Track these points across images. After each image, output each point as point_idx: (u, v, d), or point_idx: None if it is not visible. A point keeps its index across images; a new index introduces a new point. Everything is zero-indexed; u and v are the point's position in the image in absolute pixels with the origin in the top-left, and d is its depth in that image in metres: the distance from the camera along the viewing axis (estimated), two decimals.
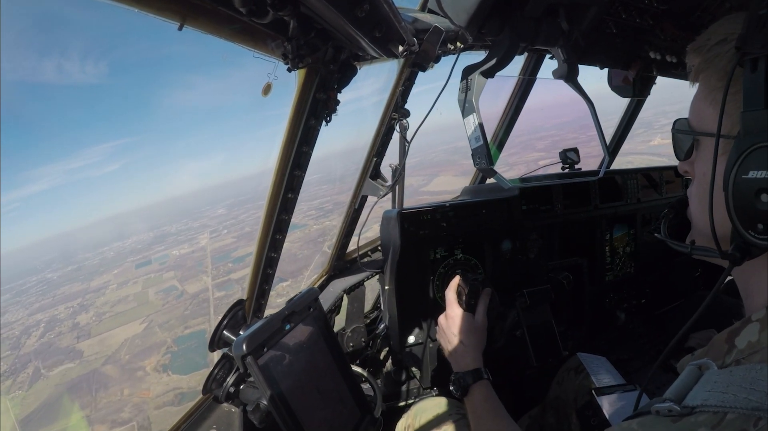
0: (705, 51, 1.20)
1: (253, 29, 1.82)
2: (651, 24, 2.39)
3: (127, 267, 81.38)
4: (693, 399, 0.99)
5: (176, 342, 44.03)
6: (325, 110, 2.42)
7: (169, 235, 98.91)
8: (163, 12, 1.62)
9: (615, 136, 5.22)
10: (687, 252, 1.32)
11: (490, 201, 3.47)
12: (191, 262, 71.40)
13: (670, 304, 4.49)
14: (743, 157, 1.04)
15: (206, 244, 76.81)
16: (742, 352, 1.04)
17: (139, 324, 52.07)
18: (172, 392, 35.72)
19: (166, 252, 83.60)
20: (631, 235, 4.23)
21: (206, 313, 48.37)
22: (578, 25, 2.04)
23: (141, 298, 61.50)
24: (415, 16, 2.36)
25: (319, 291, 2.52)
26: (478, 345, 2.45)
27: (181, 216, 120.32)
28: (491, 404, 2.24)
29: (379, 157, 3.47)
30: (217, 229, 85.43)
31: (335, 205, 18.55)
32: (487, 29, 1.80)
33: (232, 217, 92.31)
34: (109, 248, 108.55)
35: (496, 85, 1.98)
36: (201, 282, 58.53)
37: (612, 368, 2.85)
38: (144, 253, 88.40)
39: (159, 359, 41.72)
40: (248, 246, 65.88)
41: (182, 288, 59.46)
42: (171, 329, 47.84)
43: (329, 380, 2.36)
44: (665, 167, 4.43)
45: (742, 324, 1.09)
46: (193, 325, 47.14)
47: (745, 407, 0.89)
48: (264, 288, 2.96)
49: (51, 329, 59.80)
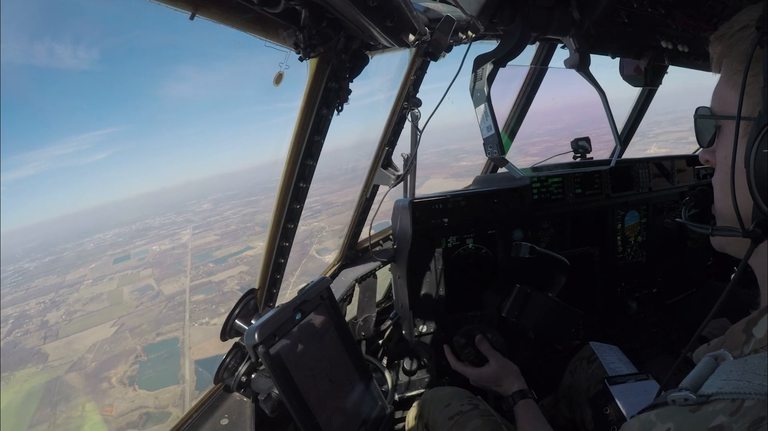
0: (727, 38, 1.19)
1: (265, 19, 1.83)
2: (663, 13, 2.38)
3: (105, 262, 79.36)
4: (709, 388, 0.99)
5: (146, 351, 42.42)
6: (337, 99, 2.42)
7: (151, 229, 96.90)
8: (175, 1, 1.62)
9: (627, 125, 5.20)
10: (707, 233, 1.29)
11: (502, 190, 3.47)
12: (171, 260, 69.63)
13: (681, 293, 4.47)
14: (765, 132, 1.03)
15: (188, 241, 75.08)
16: (760, 341, 1.04)
17: (109, 327, 50.23)
18: (137, 411, 34.47)
19: (146, 247, 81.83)
20: (642, 224, 4.21)
21: (181, 319, 46.59)
22: (590, 14, 2.03)
23: (115, 297, 59.65)
24: (426, 5, 2.36)
25: (330, 281, 2.53)
26: (510, 374, 2.62)
27: (166, 209, 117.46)
28: (532, 416, 2.39)
29: (390, 146, 3.47)
30: (200, 225, 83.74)
31: (324, 205, 18.43)
32: (498, 18, 1.79)
33: (217, 213, 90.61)
34: (90, 239, 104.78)
35: (508, 75, 1.97)
36: (178, 283, 57.14)
37: (624, 357, 2.85)
38: (124, 247, 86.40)
39: (126, 370, 39.90)
40: (231, 245, 63.52)
41: (158, 288, 58.00)
42: (142, 335, 46.12)
43: (341, 369, 2.37)
44: (677, 156, 4.41)
45: (759, 313, 1.09)
46: (165, 332, 45.35)
47: (760, 393, 0.89)
48: (276, 277, 2.97)
49: (19, 326, 59.09)
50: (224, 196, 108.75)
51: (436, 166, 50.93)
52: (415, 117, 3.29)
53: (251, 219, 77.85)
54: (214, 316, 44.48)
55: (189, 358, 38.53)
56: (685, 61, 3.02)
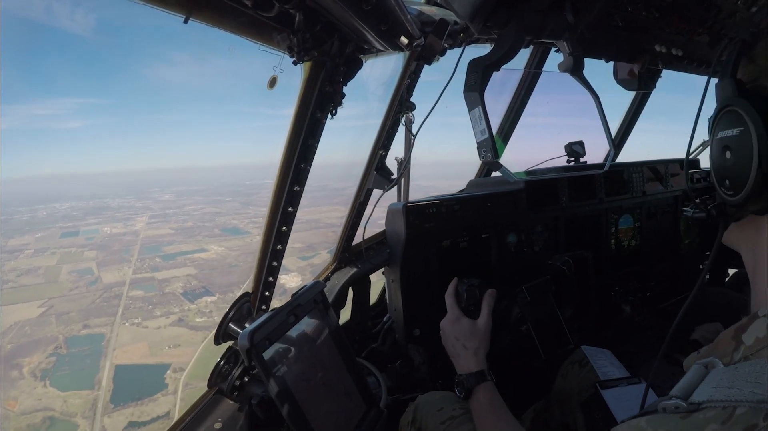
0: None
1: (259, 22, 1.83)
2: (657, 17, 2.39)
3: (52, 233, 73.39)
4: (699, 396, 1.00)
5: (68, 343, 38.74)
6: (331, 103, 2.43)
7: (108, 209, 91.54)
8: (168, 5, 1.62)
9: (620, 129, 5.22)
10: (690, 215, 1.45)
11: (496, 194, 3.48)
12: (119, 246, 65.18)
13: (675, 297, 4.48)
14: (717, 119, 1.22)
15: (141, 229, 71.61)
16: (750, 349, 1.05)
17: (37, 307, 45.34)
18: (41, 413, 30.44)
19: (97, 227, 76.75)
20: (636, 228, 4.22)
21: (113, 314, 43.17)
22: (584, 18, 2.04)
23: (51, 274, 54.91)
24: (420, 9, 2.37)
25: (324, 284, 2.53)
26: (481, 347, 2.45)
27: (128, 191, 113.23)
28: (495, 406, 2.25)
29: (384, 150, 3.47)
30: (157, 215, 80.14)
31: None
32: (492, 22, 1.80)
33: (177, 206, 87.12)
34: (45, 207, 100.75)
35: (502, 78, 1.98)
36: (120, 273, 53.58)
37: (616, 361, 2.85)
38: (75, 222, 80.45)
39: (42, 360, 36.03)
40: (184, 243, 60.73)
41: (98, 274, 54.22)
42: (68, 323, 42.10)
43: (334, 373, 2.37)
44: (671, 160, 4.43)
45: (749, 320, 1.10)
46: (93, 326, 41.77)
47: (751, 400, 0.90)
48: (269, 281, 2.97)
49: None
50: (188, 189, 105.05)
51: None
52: (408, 121, 3.30)
53: (211, 219, 75.15)
54: (147, 318, 42.18)
55: (111, 361, 35.75)
56: (679, 65, 3.04)
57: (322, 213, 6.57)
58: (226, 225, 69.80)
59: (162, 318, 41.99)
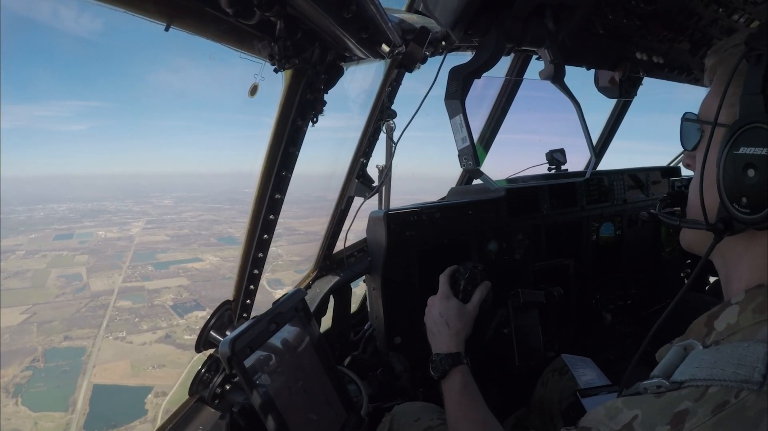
0: (721, 52, 1.31)
1: (240, 30, 1.82)
2: (638, 25, 2.41)
3: (46, 235, 68.43)
4: (681, 375, 1.06)
5: (46, 356, 35.95)
6: (312, 111, 2.42)
7: (105, 212, 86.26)
8: (149, 13, 1.61)
9: (601, 137, 5.25)
10: (676, 225, 1.42)
11: (476, 202, 3.48)
12: (112, 251, 61.77)
13: (656, 305, 4.50)
14: (737, 134, 1.15)
15: (136, 234, 67.26)
16: (720, 334, 1.14)
17: (20, 313, 42.02)
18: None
19: (93, 230, 72.15)
20: (617, 236, 4.24)
21: (97, 325, 40.54)
22: (565, 25, 2.06)
23: (39, 278, 51.39)
24: (401, 16, 2.36)
25: (305, 292, 2.52)
26: (463, 330, 2.44)
27: (127, 195, 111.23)
28: (469, 390, 2.24)
29: (366, 158, 3.47)
30: (154, 221, 78.02)
31: (286, 230, 17.78)
32: (473, 30, 1.81)
33: (175, 212, 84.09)
34: (43, 207, 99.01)
35: (483, 86, 1.99)
36: (109, 280, 50.32)
37: (597, 369, 2.86)
38: (71, 224, 75.82)
39: (17, 374, 33.07)
40: (179, 251, 58.23)
41: (86, 280, 50.56)
42: (50, 333, 39.36)
43: (316, 381, 2.36)
44: (652, 168, 4.46)
45: (721, 308, 1.19)
46: (75, 337, 39.14)
47: (734, 380, 0.96)
48: (250, 288, 2.95)
49: None
50: (188, 195, 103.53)
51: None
52: (390, 128, 3.30)
53: (209, 227, 73.78)
54: (133, 332, 39.61)
55: (89, 380, 33.02)
56: (660, 73, 3.06)
57: (320, 225, 6.59)
58: (223, 234, 68.94)
59: (148, 333, 39.43)
